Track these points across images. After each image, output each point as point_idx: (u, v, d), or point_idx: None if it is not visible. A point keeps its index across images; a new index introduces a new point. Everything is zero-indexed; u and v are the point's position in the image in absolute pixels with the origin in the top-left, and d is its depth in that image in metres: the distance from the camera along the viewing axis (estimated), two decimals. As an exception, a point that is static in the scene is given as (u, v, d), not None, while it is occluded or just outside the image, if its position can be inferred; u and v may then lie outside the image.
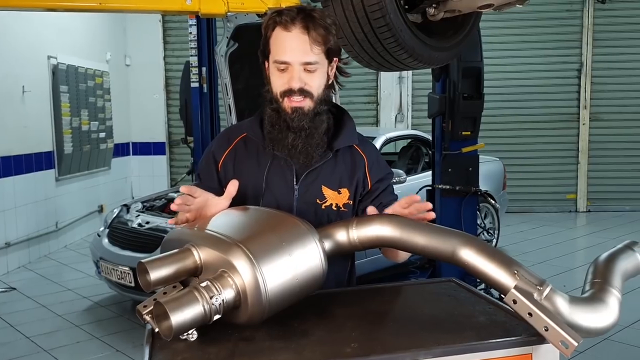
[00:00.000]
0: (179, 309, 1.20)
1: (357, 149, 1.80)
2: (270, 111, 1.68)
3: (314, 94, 1.64)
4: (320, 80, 1.66)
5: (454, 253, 1.34)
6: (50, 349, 4.19)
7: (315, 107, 1.65)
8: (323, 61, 1.65)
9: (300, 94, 1.63)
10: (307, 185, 1.72)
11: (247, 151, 1.75)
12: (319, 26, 1.62)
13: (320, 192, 1.72)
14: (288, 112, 1.64)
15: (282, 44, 1.62)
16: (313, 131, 1.66)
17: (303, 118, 1.64)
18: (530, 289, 1.27)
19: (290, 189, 1.71)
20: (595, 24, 9.09)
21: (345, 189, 1.74)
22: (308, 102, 1.64)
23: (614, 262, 1.42)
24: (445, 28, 2.77)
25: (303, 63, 1.61)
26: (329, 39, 1.64)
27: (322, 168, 1.73)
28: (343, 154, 1.77)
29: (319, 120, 1.67)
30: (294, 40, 1.61)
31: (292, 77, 1.62)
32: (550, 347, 1.24)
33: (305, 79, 1.63)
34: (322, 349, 1.26)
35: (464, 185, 4.39)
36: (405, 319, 1.45)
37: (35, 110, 6.70)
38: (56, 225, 7.08)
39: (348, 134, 1.77)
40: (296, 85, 1.62)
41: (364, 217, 1.48)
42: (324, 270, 1.38)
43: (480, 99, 4.30)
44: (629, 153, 9.19)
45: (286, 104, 1.64)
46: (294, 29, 1.60)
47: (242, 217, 1.48)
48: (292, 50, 1.61)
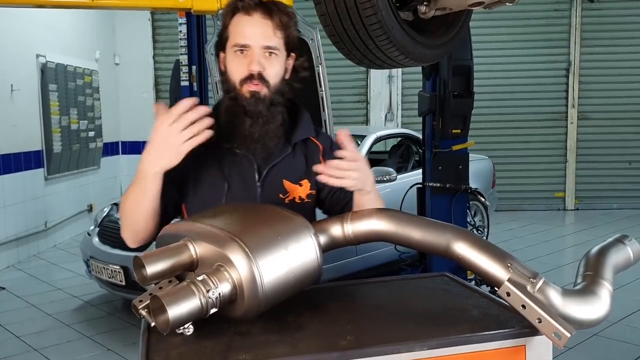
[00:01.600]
0: (176, 303, 1.20)
1: (312, 140, 1.80)
2: (227, 101, 1.66)
3: (270, 82, 1.61)
4: (278, 68, 1.63)
5: (448, 246, 1.35)
6: (40, 348, 4.17)
7: (272, 96, 1.62)
8: (282, 49, 1.64)
9: (258, 79, 1.60)
10: (269, 181, 1.70)
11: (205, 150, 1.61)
12: (281, 12, 1.61)
13: (282, 186, 1.71)
14: (246, 96, 1.61)
15: (243, 28, 1.60)
16: (270, 119, 1.63)
17: (260, 103, 1.61)
18: (524, 281, 1.28)
19: (252, 186, 1.69)
20: (583, 23, 9.17)
21: (305, 181, 1.74)
22: (264, 89, 1.61)
23: (605, 255, 1.44)
24: (436, 26, 2.79)
25: (264, 47, 1.59)
26: (290, 26, 1.63)
27: (282, 162, 1.72)
28: (300, 147, 1.76)
29: (275, 110, 1.64)
30: (255, 23, 1.59)
31: (252, 60, 1.59)
32: (544, 339, 1.26)
33: (265, 64, 1.60)
34: (317, 342, 1.27)
35: (454, 183, 4.41)
36: (399, 312, 1.45)
37: (24, 109, 6.66)
38: (45, 225, 7.05)
39: (304, 127, 1.77)
40: (256, 68, 1.59)
41: (359, 212, 1.48)
42: (320, 265, 1.38)
43: (471, 97, 4.32)
44: (617, 152, 9.28)
45: (244, 90, 1.61)
46: (255, 14, 1.59)
47: (237, 211, 1.48)
48: (253, 33, 1.59)
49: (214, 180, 1.67)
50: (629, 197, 9.33)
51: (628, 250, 1.50)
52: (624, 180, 9.33)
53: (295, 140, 1.75)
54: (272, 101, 1.63)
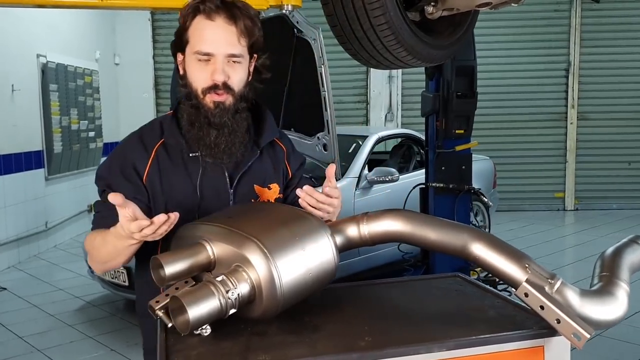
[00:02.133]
0: (196, 303, 1.20)
1: (277, 142, 1.78)
2: (188, 108, 1.57)
3: (235, 90, 1.56)
4: (242, 75, 1.58)
5: (464, 247, 1.35)
6: (43, 348, 4.16)
7: (236, 104, 1.57)
8: (246, 55, 1.58)
9: (223, 88, 1.53)
10: (241, 188, 1.66)
11: (171, 160, 1.62)
12: (245, 17, 1.54)
13: (253, 191, 1.68)
14: (210, 107, 1.54)
15: (205, 34, 1.52)
16: (235, 128, 1.58)
17: (225, 114, 1.55)
18: (542, 282, 1.29)
19: (225, 194, 1.64)
20: (583, 23, 9.18)
21: (274, 184, 1.73)
22: (230, 97, 1.55)
23: (620, 256, 1.45)
24: (443, 26, 2.79)
25: (228, 55, 1.53)
26: (254, 32, 1.57)
27: (251, 168, 1.68)
28: (267, 149, 1.73)
29: (239, 117, 1.59)
30: (218, 30, 1.52)
31: (216, 69, 1.52)
32: (562, 340, 1.26)
33: (229, 72, 1.54)
34: (335, 342, 1.27)
35: (457, 183, 4.41)
36: (415, 313, 1.46)
37: (25, 109, 6.65)
38: (46, 225, 7.03)
39: (269, 129, 1.72)
40: (220, 78, 1.52)
41: (375, 212, 1.48)
42: (336, 265, 1.39)
43: (474, 97, 4.32)
44: (616, 152, 9.28)
45: (208, 99, 1.54)
46: (218, 19, 1.52)
47: (252, 211, 1.48)
48: (217, 40, 1.51)
49: (186, 192, 1.62)
50: (629, 198, 9.34)
51: (643, 251, 1.50)
52: (623, 180, 9.34)
53: (263, 143, 1.71)
54: (236, 109, 1.58)
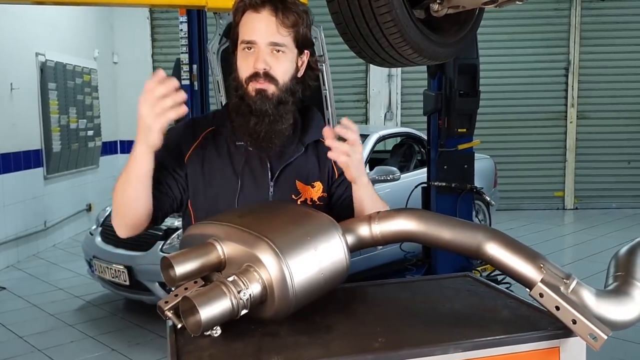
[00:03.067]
0: (208, 304, 1.18)
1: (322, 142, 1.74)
2: (235, 99, 1.63)
3: (279, 80, 1.58)
4: (286, 66, 1.60)
5: (479, 247, 1.33)
6: (44, 348, 4.14)
7: (280, 95, 1.59)
8: (291, 47, 1.60)
9: (264, 77, 1.57)
10: (282, 181, 1.67)
11: (217, 147, 1.67)
12: (289, 10, 1.58)
13: (295, 187, 1.68)
14: (252, 95, 1.58)
15: (250, 25, 1.57)
16: (277, 119, 1.59)
17: (266, 101, 1.57)
18: (557, 282, 1.27)
19: (265, 186, 1.65)
20: (583, 22, 9.18)
21: (318, 182, 1.71)
22: (272, 87, 1.58)
23: (635, 255, 1.43)
24: (448, 24, 2.77)
25: (269, 43, 1.56)
26: (298, 24, 1.59)
27: (295, 163, 1.69)
28: (312, 148, 1.73)
29: (283, 109, 1.60)
30: (262, 20, 1.56)
31: (258, 58, 1.56)
32: (578, 341, 1.24)
33: (271, 62, 1.57)
34: (349, 343, 1.25)
35: (459, 182, 4.40)
36: (427, 313, 1.44)
37: (24, 107, 6.62)
38: (45, 224, 7.01)
39: (316, 128, 1.73)
40: (260, 66, 1.56)
41: (387, 211, 1.46)
42: (348, 265, 1.37)
43: (476, 96, 4.32)
44: (616, 151, 9.29)
45: (250, 87, 1.58)
46: (264, 11, 1.57)
47: (263, 210, 1.46)
48: (259, 30, 1.56)
49: (227, 178, 1.64)
50: (628, 197, 9.35)
51: (657, 250, 1.48)
52: (623, 179, 9.35)
53: (308, 141, 1.72)
54: (280, 100, 1.59)
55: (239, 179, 1.64)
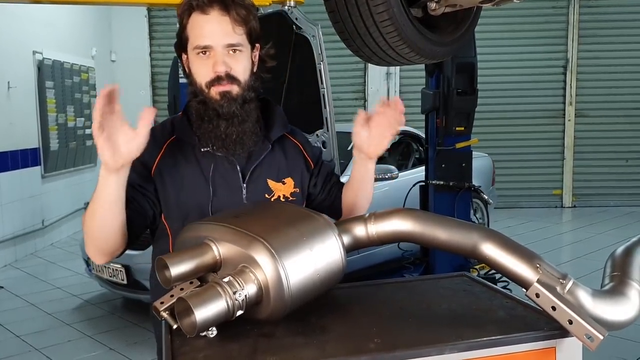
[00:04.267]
0: (203, 305, 1.17)
1: (288, 137, 1.76)
2: (196, 104, 1.58)
3: (240, 80, 1.56)
4: (245, 64, 1.58)
5: (475, 247, 1.33)
6: (41, 347, 4.13)
7: (244, 94, 1.57)
8: (246, 44, 1.58)
9: (227, 79, 1.54)
10: (253, 182, 1.64)
11: (183, 155, 1.62)
12: (238, 6, 1.54)
13: (267, 186, 1.66)
14: (216, 99, 1.54)
15: (202, 28, 1.53)
16: (245, 118, 1.58)
17: (232, 103, 1.55)
18: (553, 282, 1.27)
19: (237, 189, 1.62)
20: (581, 20, 9.18)
21: (289, 179, 1.70)
22: (235, 87, 1.55)
23: (631, 255, 1.43)
24: (445, 23, 2.77)
25: (226, 45, 1.53)
26: (250, 19, 1.56)
27: (264, 161, 1.66)
28: (279, 144, 1.72)
29: (248, 107, 1.59)
30: (213, 22, 1.52)
31: (216, 61, 1.53)
32: (574, 341, 1.24)
33: (230, 62, 1.54)
34: (344, 344, 1.25)
35: (457, 180, 4.40)
36: (423, 314, 1.43)
37: (21, 106, 6.61)
38: (42, 223, 7.00)
39: (280, 123, 1.72)
40: (221, 69, 1.52)
41: (383, 212, 1.46)
42: (344, 265, 1.37)
43: (474, 94, 4.31)
44: (614, 149, 9.29)
45: (213, 92, 1.55)
46: (213, 11, 1.52)
47: (258, 211, 1.46)
48: (212, 32, 1.52)
49: (198, 185, 1.61)
50: (626, 195, 9.35)
51: (653, 250, 1.48)
52: (621, 177, 9.35)
53: (274, 137, 1.70)
54: (244, 99, 1.58)
55: (210, 185, 1.60)
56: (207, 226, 1.37)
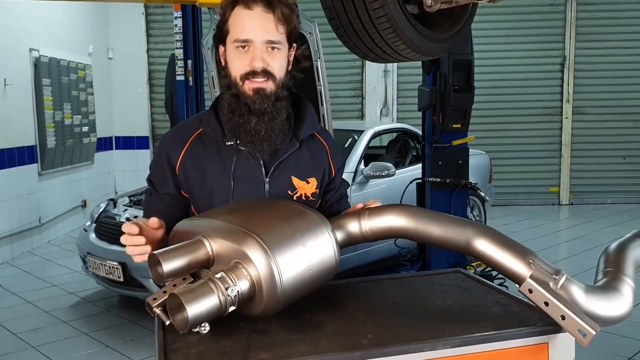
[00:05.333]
0: (195, 301, 1.17)
1: (318, 137, 1.76)
2: (229, 97, 1.60)
3: (276, 76, 1.57)
4: (282, 62, 1.59)
5: (468, 243, 1.33)
6: (38, 345, 4.12)
7: (277, 91, 1.58)
8: (285, 43, 1.59)
9: (262, 75, 1.55)
10: (277, 178, 1.65)
11: (207, 149, 1.65)
12: (283, 5, 1.56)
13: (291, 183, 1.67)
14: (249, 94, 1.56)
15: (244, 23, 1.54)
16: (275, 115, 1.58)
17: (265, 100, 1.56)
18: (546, 278, 1.27)
19: (260, 183, 1.63)
20: (578, 18, 9.17)
21: (312, 179, 1.70)
22: (270, 84, 1.56)
23: (624, 251, 1.43)
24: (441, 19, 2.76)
25: (266, 42, 1.54)
26: (292, 19, 1.58)
27: (289, 158, 1.67)
28: (307, 142, 1.72)
29: (280, 105, 1.60)
30: (257, 18, 1.54)
31: (255, 56, 1.54)
32: (567, 336, 1.24)
33: (268, 59, 1.55)
34: (337, 340, 1.25)
35: (454, 178, 4.40)
36: (417, 310, 1.44)
37: (18, 103, 6.59)
38: (39, 221, 6.98)
39: (310, 122, 1.72)
40: (259, 65, 1.54)
41: (377, 207, 1.46)
42: (337, 261, 1.36)
43: (471, 91, 4.30)
44: (611, 146, 9.29)
45: (247, 87, 1.56)
46: (257, 7, 1.54)
47: (253, 207, 1.46)
48: (255, 28, 1.54)
49: (219, 178, 1.63)
50: (623, 192, 9.35)
51: (647, 246, 1.49)
52: (618, 175, 9.35)
53: (303, 136, 1.70)
54: (277, 96, 1.58)
55: (232, 178, 1.62)
56: (200, 222, 1.37)
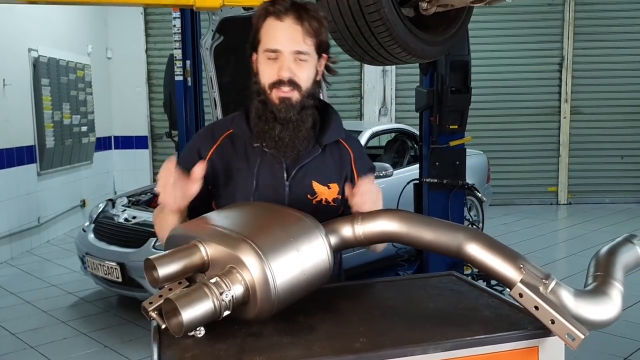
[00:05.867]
0: (190, 306, 1.19)
1: (343, 143, 1.80)
2: (257, 103, 1.67)
3: (302, 87, 1.63)
4: (309, 73, 1.64)
5: (459, 248, 1.35)
6: (36, 345, 4.15)
7: (303, 100, 1.64)
8: (313, 54, 1.64)
9: (289, 84, 1.61)
10: (298, 181, 1.70)
11: (235, 149, 1.72)
12: (312, 18, 1.62)
13: (311, 187, 1.72)
14: (275, 102, 1.62)
15: (274, 33, 1.61)
16: (300, 124, 1.65)
17: (290, 109, 1.62)
18: (536, 282, 1.29)
19: (281, 186, 1.69)
20: (576, 18, 9.19)
21: (334, 184, 1.74)
22: (296, 94, 1.62)
23: (614, 255, 1.45)
24: (437, 22, 2.78)
25: (294, 52, 1.61)
26: (321, 32, 1.64)
27: (311, 163, 1.72)
28: (330, 149, 1.76)
29: (305, 113, 1.65)
30: (286, 29, 1.60)
31: (282, 66, 1.60)
32: (557, 340, 1.26)
33: (295, 69, 1.61)
34: (331, 344, 1.26)
35: (451, 178, 4.41)
36: (410, 313, 1.45)
37: (17, 103, 6.60)
38: (38, 221, 7.00)
39: (335, 128, 1.77)
40: (285, 74, 1.60)
41: (370, 213, 1.48)
42: (331, 266, 1.38)
43: (468, 92, 4.32)
44: (609, 146, 9.32)
45: (274, 95, 1.62)
46: (287, 19, 1.60)
47: (247, 212, 1.47)
48: (284, 38, 1.60)
49: (243, 177, 1.69)
50: (622, 192, 9.37)
51: (637, 250, 1.51)
52: (616, 174, 9.37)
53: (326, 142, 1.75)
54: (302, 105, 1.65)
55: (255, 179, 1.68)
56: (194, 226, 1.39)
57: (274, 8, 1.62)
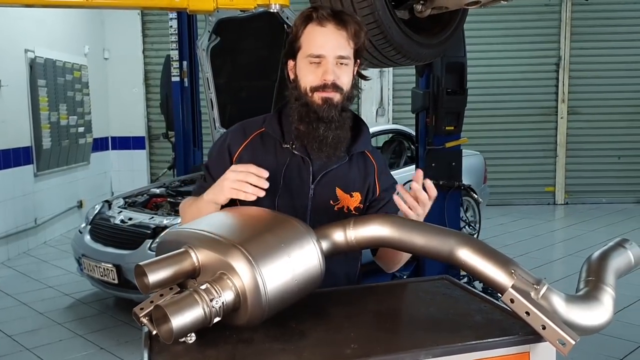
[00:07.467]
0: (179, 313, 1.19)
1: (368, 155, 1.85)
2: (298, 106, 1.70)
3: (344, 89, 1.68)
4: (349, 76, 1.70)
5: (451, 253, 1.35)
6: (32, 347, 4.14)
7: (343, 102, 1.69)
8: (352, 58, 1.70)
9: (332, 87, 1.66)
10: (322, 186, 1.75)
11: (264, 147, 1.77)
12: (353, 23, 1.68)
13: (335, 193, 1.76)
14: (318, 103, 1.66)
15: (317, 39, 1.65)
16: (342, 124, 1.69)
17: (333, 109, 1.66)
18: (528, 288, 1.28)
19: (306, 188, 1.74)
20: (573, 18, 9.20)
21: (357, 193, 1.78)
22: (338, 95, 1.67)
23: (606, 260, 1.44)
24: (432, 25, 2.78)
25: (338, 57, 1.65)
26: (361, 36, 1.69)
27: (337, 170, 1.76)
28: (357, 158, 1.81)
29: (345, 115, 1.71)
30: (329, 34, 1.65)
31: (327, 70, 1.65)
32: (548, 346, 1.26)
33: (338, 73, 1.66)
34: (321, 350, 1.26)
35: (447, 179, 4.42)
36: (402, 318, 1.46)
37: (13, 104, 6.59)
38: (35, 222, 6.99)
39: (364, 139, 1.82)
40: (330, 78, 1.64)
41: (361, 217, 1.48)
42: (322, 271, 1.38)
43: (464, 94, 4.33)
44: (606, 146, 9.32)
45: (316, 97, 1.67)
46: (329, 25, 1.65)
47: (238, 217, 1.47)
48: (327, 43, 1.65)
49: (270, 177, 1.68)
50: (618, 192, 9.38)
51: (629, 254, 1.50)
52: (613, 174, 9.38)
53: (354, 151, 1.79)
54: (343, 107, 1.70)
55: (281, 178, 1.73)
56: (186, 232, 1.39)
57: (316, 14, 1.66)
